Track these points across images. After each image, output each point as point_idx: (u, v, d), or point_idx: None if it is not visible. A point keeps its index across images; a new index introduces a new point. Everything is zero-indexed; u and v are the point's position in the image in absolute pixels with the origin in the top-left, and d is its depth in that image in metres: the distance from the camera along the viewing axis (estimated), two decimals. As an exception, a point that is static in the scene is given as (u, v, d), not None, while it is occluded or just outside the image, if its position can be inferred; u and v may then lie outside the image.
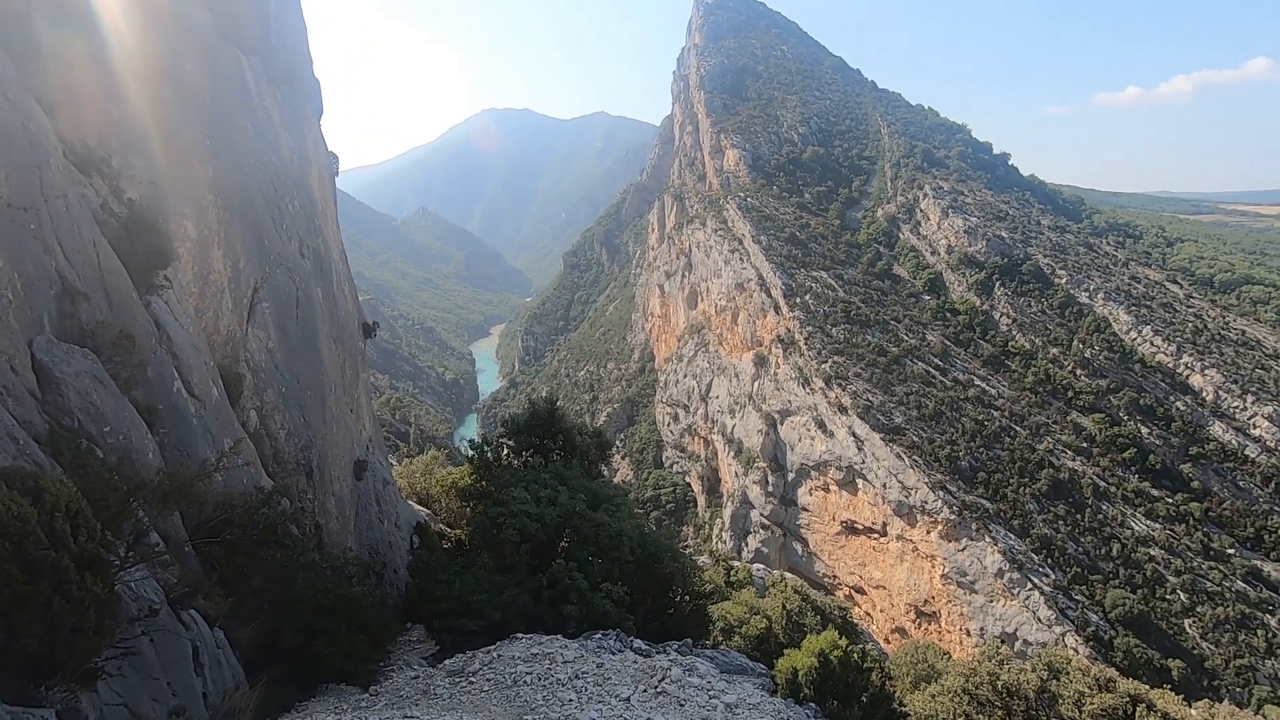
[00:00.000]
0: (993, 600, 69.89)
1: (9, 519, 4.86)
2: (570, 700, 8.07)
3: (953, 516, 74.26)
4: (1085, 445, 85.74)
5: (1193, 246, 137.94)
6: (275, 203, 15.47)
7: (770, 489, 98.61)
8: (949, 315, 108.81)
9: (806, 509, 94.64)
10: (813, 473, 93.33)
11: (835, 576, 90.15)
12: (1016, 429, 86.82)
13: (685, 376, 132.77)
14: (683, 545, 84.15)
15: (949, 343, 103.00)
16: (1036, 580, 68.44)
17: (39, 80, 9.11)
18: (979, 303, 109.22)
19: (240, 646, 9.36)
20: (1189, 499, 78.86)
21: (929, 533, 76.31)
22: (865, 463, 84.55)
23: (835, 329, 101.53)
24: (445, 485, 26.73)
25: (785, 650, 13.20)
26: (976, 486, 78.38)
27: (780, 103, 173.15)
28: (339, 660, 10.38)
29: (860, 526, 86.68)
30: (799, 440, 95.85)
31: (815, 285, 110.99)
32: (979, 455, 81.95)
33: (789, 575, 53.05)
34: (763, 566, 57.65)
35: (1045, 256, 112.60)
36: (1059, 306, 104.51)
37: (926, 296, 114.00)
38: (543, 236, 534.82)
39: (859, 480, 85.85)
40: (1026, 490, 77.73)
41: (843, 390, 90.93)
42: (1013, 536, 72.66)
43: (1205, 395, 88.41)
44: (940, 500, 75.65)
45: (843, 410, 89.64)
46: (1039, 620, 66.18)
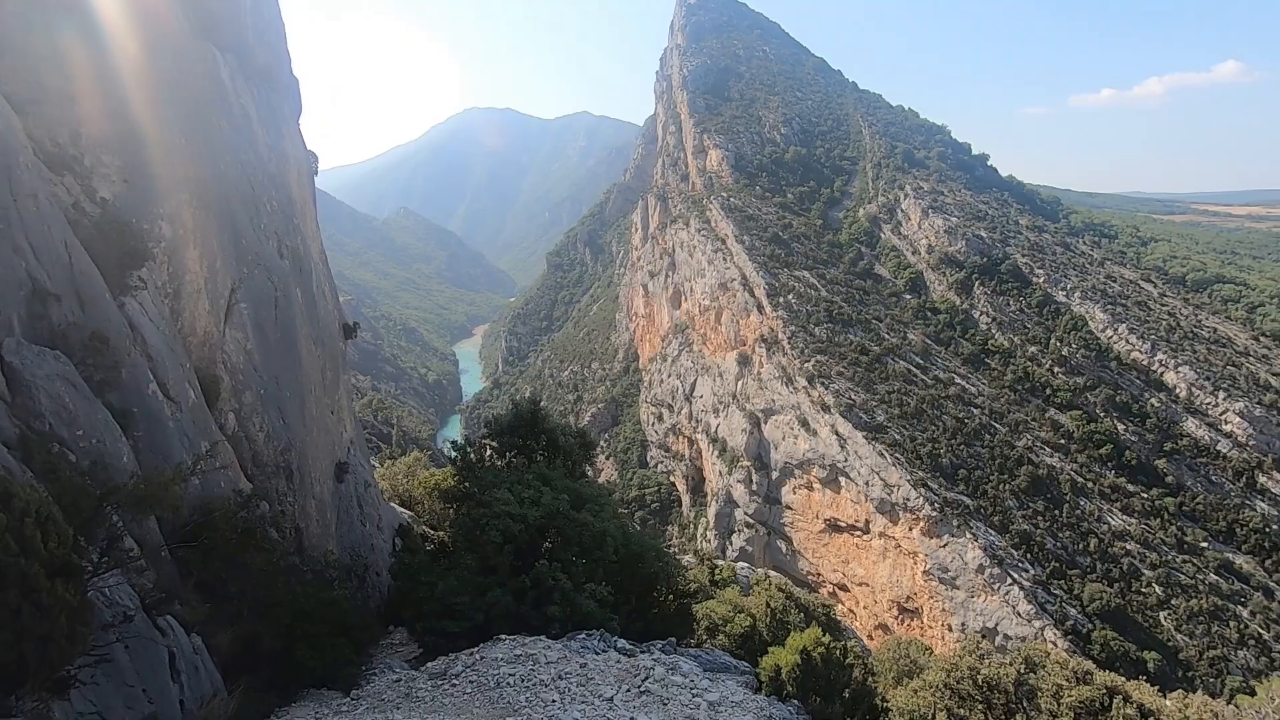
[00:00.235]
0: (974, 596, 70.72)
1: (-24, 525, 4.75)
2: (553, 701, 8.05)
3: (934, 513, 75.04)
4: (1063, 442, 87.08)
5: (1166, 246, 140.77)
6: (253, 202, 15.26)
7: (754, 488, 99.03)
8: (930, 314, 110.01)
9: (790, 507, 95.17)
10: (796, 471, 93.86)
11: (819, 574, 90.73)
12: (996, 426, 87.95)
13: (669, 376, 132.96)
14: (667, 545, 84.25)
15: (930, 341, 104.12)
16: (1016, 575, 69.36)
17: (7, 77, 8.92)
18: (959, 302, 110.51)
19: (218, 652, 9.23)
20: (1164, 494, 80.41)
21: (911, 530, 77.04)
22: (848, 461, 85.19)
23: (818, 328, 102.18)
24: (428, 487, 26.54)
25: (769, 648, 13.26)
26: (957, 483, 79.29)
27: (763, 103, 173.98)
28: (320, 664, 10.28)
29: (843, 524, 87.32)
30: (782, 439, 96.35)
31: (798, 285, 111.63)
32: (960, 453, 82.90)
33: (773, 573, 53.32)
34: (747, 565, 57.89)
35: (1023, 256, 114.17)
36: (1037, 305, 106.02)
37: (908, 296, 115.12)
38: (526, 236, 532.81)
39: (842, 478, 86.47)
40: (1006, 487, 78.77)
41: (825, 389, 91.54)
42: (993, 533, 73.58)
43: (1179, 392, 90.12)
44: (922, 497, 76.41)
45: (825, 409, 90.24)
46: (1019, 615, 67.07)
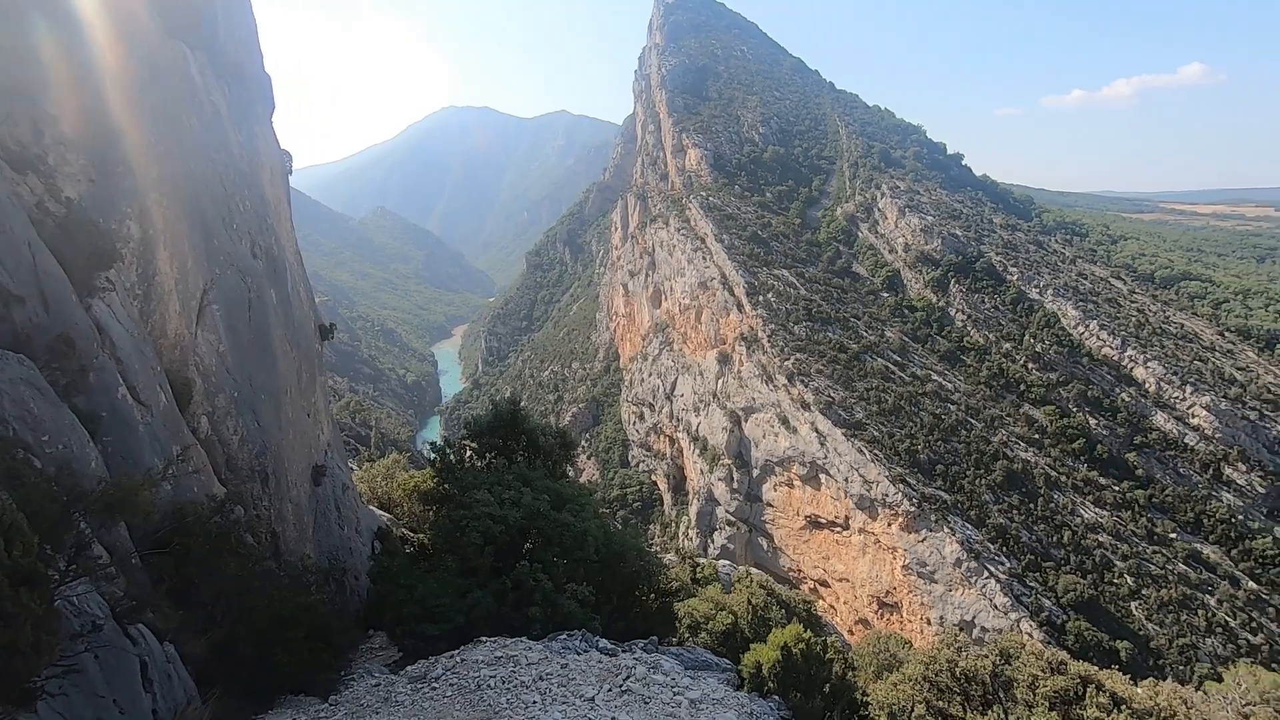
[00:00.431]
0: (951, 589, 71.72)
1: (-64, 534, 4.62)
2: (534, 702, 8.03)
3: (912, 509, 75.97)
4: (1037, 437, 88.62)
5: (1135, 244, 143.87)
6: (225, 202, 15.00)
7: (735, 486, 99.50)
8: (907, 312, 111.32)
9: (771, 504, 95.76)
10: (777, 469, 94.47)
11: (800, 570, 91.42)
12: (972, 422, 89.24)
13: (650, 375, 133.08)
14: (649, 544, 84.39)
15: (907, 339, 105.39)
16: (993, 569, 70.46)
17: (-34, 73, 8.67)
18: (935, 299, 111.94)
19: (192, 660, 9.06)
20: (1134, 486, 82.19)
21: (890, 525, 77.93)
22: (828, 458, 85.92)
23: (797, 326, 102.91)
24: (407, 489, 26.29)
25: (751, 645, 13.33)
26: (935, 479, 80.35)
27: (741, 103, 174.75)
28: (297, 670, 10.14)
29: (823, 521, 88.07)
30: (763, 437, 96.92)
31: (777, 283, 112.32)
32: (937, 448, 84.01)
33: (754, 570, 53.60)
34: (728, 563, 58.16)
35: (997, 254, 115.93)
36: (1011, 302, 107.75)
37: (885, 294, 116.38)
38: (505, 236, 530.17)
39: (822, 475, 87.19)
40: (982, 481, 79.98)
41: (805, 387, 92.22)
42: (970, 527, 74.68)
43: (1148, 386, 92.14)
44: (900, 493, 77.31)
45: (805, 406, 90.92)
46: (995, 607, 68.16)
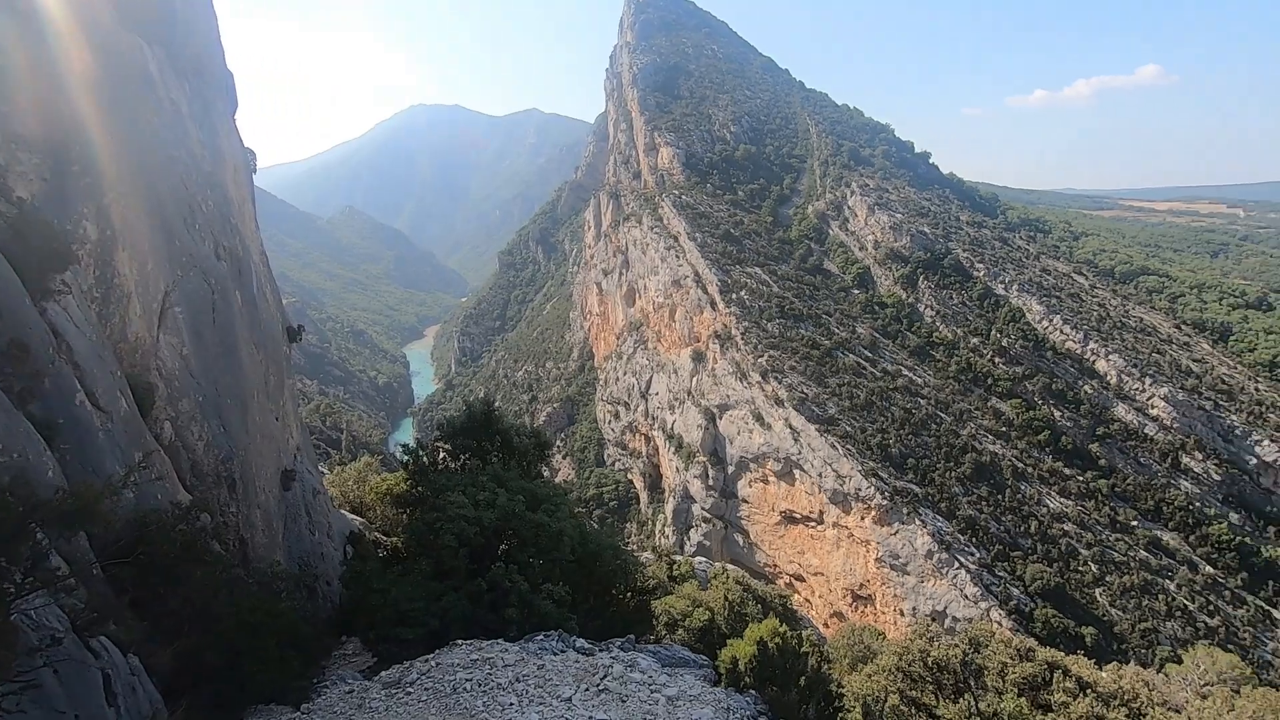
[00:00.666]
0: (923, 580, 72.97)
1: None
2: (511, 704, 7.99)
3: (885, 502, 77.12)
4: (1004, 429, 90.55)
5: (1096, 241, 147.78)
6: (186, 201, 14.64)
7: (711, 483, 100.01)
8: (877, 308, 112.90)
9: (746, 501, 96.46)
10: (752, 465, 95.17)
11: (776, 565, 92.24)
12: (942, 416, 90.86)
13: (625, 374, 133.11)
14: (626, 542, 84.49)
15: (878, 335, 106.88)
16: (963, 559, 71.86)
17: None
18: (905, 296, 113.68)
19: (158, 672, 8.85)
20: (1097, 476, 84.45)
21: (863, 519, 79.01)
22: (801, 453, 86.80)
23: (770, 324, 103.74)
24: (380, 492, 25.95)
25: (728, 640, 13.42)
26: (906, 472, 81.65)
27: (712, 101, 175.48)
28: (268, 679, 9.95)
29: (798, 516, 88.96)
30: (738, 434, 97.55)
31: (750, 281, 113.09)
32: (908, 442, 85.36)
33: (731, 566, 53.92)
34: (705, 559, 58.42)
35: (964, 251, 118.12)
36: (978, 298, 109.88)
37: (856, 291, 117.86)
38: (476, 235, 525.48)
39: (796, 471, 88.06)
40: (952, 474, 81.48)
41: (779, 383, 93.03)
42: (940, 519, 76.04)
43: (1109, 379, 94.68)
44: (873, 487, 78.42)
45: (779, 403, 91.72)
46: (966, 597, 69.51)
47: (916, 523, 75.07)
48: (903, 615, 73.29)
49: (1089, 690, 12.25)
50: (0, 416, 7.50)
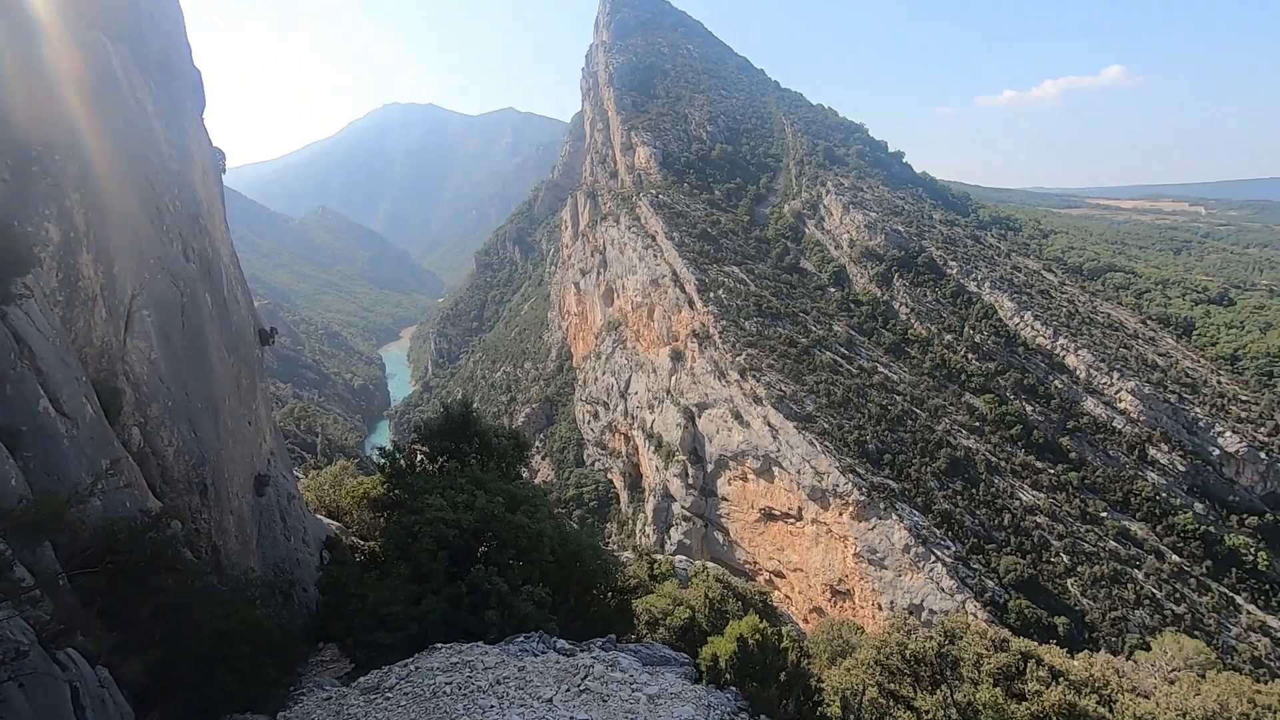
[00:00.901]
0: (901, 575, 73.91)
1: None
2: (492, 707, 7.95)
3: (862, 498, 77.96)
4: (978, 424, 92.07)
5: (1064, 238, 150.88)
6: (153, 202, 14.33)
7: (690, 481, 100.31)
8: (853, 306, 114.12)
9: (726, 499, 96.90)
10: (731, 463, 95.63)
11: (755, 562, 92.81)
12: (917, 412, 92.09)
13: (604, 374, 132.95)
14: (606, 542, 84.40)
15: (854, 332, 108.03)
16: (939, 553, 72.91)
17: None
18: (880, 293, 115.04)
19: (129, 683, 8.66)
20: (1068, 469, 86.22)
21: (841, 514, 79.80)
22: (780, 451, 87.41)
23: (748, 322, 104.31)
24: (356, 496, 25.72)
25: (709, 638, 13.48)
26: (883, 468, 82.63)
27: (688, 101, 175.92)
28: (242, 687, 9.78)
29: (777, 512, 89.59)
30: (717, 432, 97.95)
31: (727, 280, 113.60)
32: (884, 438, 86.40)
33: (711, 564, 54.23)
34: (685, 558, 58.67)
35: (938, 249, 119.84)
36: (951, 295, 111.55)
37: (832, 289, 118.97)
38: (453, 235, 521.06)
39: (775, 468, 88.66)
40: (928, 469, 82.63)
41: (757, 381, 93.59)
42: (917, 513, 77.07)
43: (1079, 374, 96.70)
44: (850, 483, 79.24)
45: (757, 401, 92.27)
46: (942, 590, 70.54)
47: (893, 518, 76.01)
48: (881, 609, 74.15)
49: (1061, 679, 12.53)
50: (-41, 424, 7.30)
